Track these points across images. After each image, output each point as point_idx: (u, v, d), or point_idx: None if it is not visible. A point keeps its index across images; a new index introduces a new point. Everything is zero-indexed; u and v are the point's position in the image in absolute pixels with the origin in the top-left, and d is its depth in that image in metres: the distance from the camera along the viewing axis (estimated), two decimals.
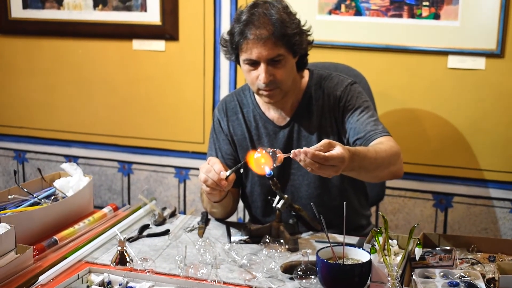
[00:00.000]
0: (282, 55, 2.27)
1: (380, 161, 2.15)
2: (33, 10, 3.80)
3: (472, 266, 1.94)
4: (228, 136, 2.52)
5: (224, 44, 2.39)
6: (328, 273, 1.82)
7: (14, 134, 4.04)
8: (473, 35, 3.06)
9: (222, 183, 2.14)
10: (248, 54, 2.27)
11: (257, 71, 2.28)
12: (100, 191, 3.92)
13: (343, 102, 2.39)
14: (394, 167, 2.25)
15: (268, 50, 2.24)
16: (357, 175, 2.21)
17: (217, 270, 1.99)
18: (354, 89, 2.42)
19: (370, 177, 2.29)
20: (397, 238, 2.05)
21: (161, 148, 3.76)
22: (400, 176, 2.31)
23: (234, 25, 2.31)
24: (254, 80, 2.31)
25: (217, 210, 2.46)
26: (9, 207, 2.31)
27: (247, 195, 2.56)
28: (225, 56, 2.42)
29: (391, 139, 2.28)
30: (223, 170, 2.14)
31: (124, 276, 1.89)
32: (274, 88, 2.31)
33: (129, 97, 3.75)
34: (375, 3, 3.16)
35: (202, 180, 2.18)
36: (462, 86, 3.15)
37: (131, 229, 2.38)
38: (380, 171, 2.21)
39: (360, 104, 2.38)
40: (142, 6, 3.57)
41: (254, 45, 2.25)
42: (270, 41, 2.24)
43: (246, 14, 2.28)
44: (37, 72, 3.90)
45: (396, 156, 2.23)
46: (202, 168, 2.19)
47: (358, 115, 2.35)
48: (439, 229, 3.33)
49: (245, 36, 2.25)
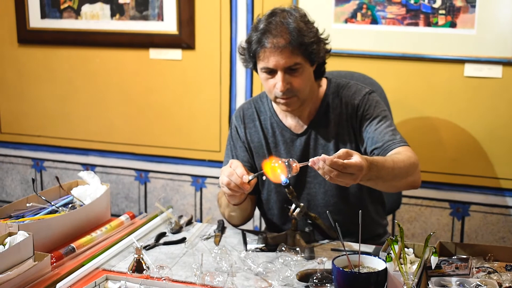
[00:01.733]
0: (299, 63, 2.28)
1: (398, 171, 2.15)
2: (51, 20, 3.83)
3: (489, 275, 1.93)
4: (245, 143, 2.53)
5: (242, 52, 2.41)
6: (344, 281, 1.82)
7: (32, 143, 4.08)
8: (489, 43, 3.05)
9: (244, 187, 2.14)
10: (266, 63, 2.28)
11: (275, 79, 2.29)
12: (117, 199, 3.93)
13: (361, 111, 2.39)
14: (412, 178, 2.25)
15: (285, 59, 2.25)
16: (374, 185, 2.21)
17: (233, 278, 1.99)
18: (372, 98, 2.42)
19: (387, 187, 2.28)
20: (413, 247, 2.04)
21: (177, 156, 3.77)
22: (417, 186, 2.30)
23: (252, 34, 2.32)
24: (271, 88, 2.32)
25: (235, 213, 2.47)
26: (27, 215, 2.33)
27: (263, 202, 2.56)
28: (243, 64, 2.43)
29: (409, 149, 2.28)
30: (245, 174, 2.14)
31: (140, 284, 1.90)
32: (291, 97, 2.31)
33: (146, 105, 3.77)
34: (391, 11, 3.16)
35: (224, 183, 2.17)
36: (478, 94, 3.14)
37: (147, 237, 2.39)
38: (397, 181, 2.21)
39: (378, 114, 2.38)
40: (159, 16, 3.59)
41: (271, 54, 2.26)
42: (287, 50, 2.25)
43: (263, 22, 2.29)
44: (55, 81, 3.93)
45: (413, 166, 2.23)
46: (224, 171, 2.19)
47: (376, 124, 2.35)
48: (456, 238, 3.31)
49: (263, 45, 2.26)
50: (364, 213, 1.90)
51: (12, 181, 4.18)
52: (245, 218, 2.53)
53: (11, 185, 4.19)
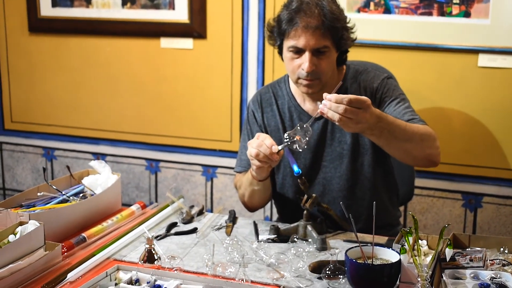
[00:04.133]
0: (328, 46, 2.30)
1: (411, 133, 2.18)
2: (62, 8, 3.82)
3: (503, 267, 1.91)
4: (261, 127, 2.54)
5: (270, 29, 2.41)
6: (357, 273, 1.81)
7: (42, 132, 4.07)
8: (504, 34, 3.02)
9: (273, 157, 2.16)
10: (295, 41, 2.28)
11: (301, 59, 2.30)
12: (127, 189, 3.93)
13: (379, 94, 2.41)
14: (429, 150, 2.26)
15: (316, 40, 2.26)
16: (387, 144, 2.20)
17: (245, 269, 1.99)
18: (390, 82, 2.45)
19: (402, 151, 2.25)
20: (426, 239, 2.03)
21: (188, 146, 3.76)
22: (436, 162, 2.30)
23: (283, 11, 2.33)
24: (295, 68, 2.32)
25: (259, 189, 2.45)
26: (38, 204, 2.33)
27: (277, 187, 2.55)
28: (269, 42, 2.44)
29: (428, 127, 2.29)
30: (274, 145, 2.16)
31: (152, 274, 1.90)
32: (314, 79, 2.32)
33: (157, 95, 3.76)
34: (404, 0, 3.13)
35: (253, 154, 2.18)
36: (492, 84, 3.11)
37: (159, 227, 2.39)
38: (412, 146, 2.21)
39: (396, 96, 2.40)
40: (170, 4, 3.57)
41: (302, 33, 2.26)
42: (318, 31, 2.26)
43: (296, 1, 2.30)
44: (66, 70, 3.93)
45: (430, 137, 2.25)
46: (252, 143, 2.20)
47: (395, 105, 2.37)
48: (468, 229, 3.29)
49: (295, 23, 2.27)
50: (377, 199, 1.89)
51: (22, 170, 4.18)
52: (267, 198, 2.53)
53: (21, 174, 4.19)
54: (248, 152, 2.22)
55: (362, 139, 2.42)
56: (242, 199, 2.56)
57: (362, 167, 2.44)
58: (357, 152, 2.43)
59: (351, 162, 2.43)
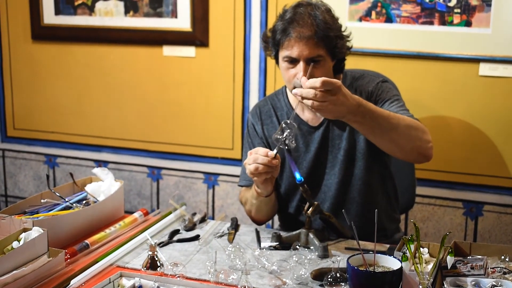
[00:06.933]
0: (322, 56, 2.31)
1: (396, 121, 2.18)
2: (65, 16, 3.84)
3: (504, 276, 1.92)
4: (263, 139, 2.55)
5: (265, 40, 2.44)
6: (358, 280, 1.82)
7: (45, 139, 4.08)
8: (505, 43, 3.04)
9: (273, 162, 2.16)
10: (289, 52, 2.30)
11: (296, 69, 2.32)
12: (129, 196, 3.94)
13: (374, 97, 2.42)
14: (419, 142, 2.25)
15: (309, 50, 2.28)
16: (372, 132, 2.21)
17: (247, 276, 1.99)
18: (385, 85, 2.47)
19: (388, 140, 2.24)
20: (428, 246, 2.04)
21: (190, 154, 3.77)
22: (427, 156, 2.30)
23: (277, 22, 2.35)
24: (291, 78, 2.34)
25: (265, 203, 2.45)
26: (41, 211, 2.33)
27: (282, 196, 2.56)
28: (265, 52, 2.47)
29: (418, 122, 2.30)
30: (268, 151, 2.17)
31: (155, 281, 1.90)
32: None
33: (159, 103, 3.77)
34: (406, 10, 3.15)
35: (253, 170, 2.18)
36: (493, 93, 3.12)
37: (161, 234, 2.40)
38: (399, 135, 2.20)
39: (390, 97, 2.42)
40: (172, 13, 3.59)
41: (295, 43, 2.28)
42: (312, 41, 2.28)
43: (290, 12, 2.33)
44: (68, 77, 3.94)
45: (419, 129, 2.25)
46: (247, 162, 2.21)
47: (389, 105, 2.38)
48: (469, 237, 3.30)
49: (288, 33, 2.29)
50: (375, 205, 1.90)
51: (25, 177, 4.19)
52: (273, 211, 2.55)
53: (23, 181, 4.20)
54: (248, 171, 2.22)
55: (358, 144, 2.43)
56: (249, 215, 2.57)
57: (358, 171, 2.45)
58: (353, 157, 2.44)
59: (346, 168, 2.44)
